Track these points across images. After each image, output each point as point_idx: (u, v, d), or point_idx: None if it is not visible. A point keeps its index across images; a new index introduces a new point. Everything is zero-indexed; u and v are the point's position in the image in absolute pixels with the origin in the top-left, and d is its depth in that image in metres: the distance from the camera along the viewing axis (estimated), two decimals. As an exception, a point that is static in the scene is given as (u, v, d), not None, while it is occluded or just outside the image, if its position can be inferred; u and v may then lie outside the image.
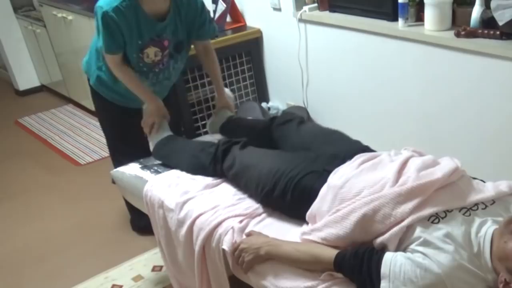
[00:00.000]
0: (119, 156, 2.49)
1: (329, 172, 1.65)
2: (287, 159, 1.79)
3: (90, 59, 2.38)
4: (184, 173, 2.07)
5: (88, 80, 2.43)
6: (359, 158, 1.68)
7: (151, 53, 2.18)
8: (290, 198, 1.68)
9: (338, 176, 1.61)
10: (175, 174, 2.08)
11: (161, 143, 2.24)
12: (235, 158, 1.91)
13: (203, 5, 2.26)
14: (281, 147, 2.05)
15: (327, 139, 1.94)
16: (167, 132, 2.28)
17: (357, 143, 1.89)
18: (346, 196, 1.52)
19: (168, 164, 2.17)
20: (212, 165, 1.99)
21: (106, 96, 2.39)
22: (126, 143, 2.47)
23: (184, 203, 1.86)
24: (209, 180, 1.99)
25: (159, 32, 2.15)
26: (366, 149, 1.83)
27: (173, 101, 2.59)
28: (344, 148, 1.81)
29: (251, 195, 1.84)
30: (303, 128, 2.08)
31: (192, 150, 2.10)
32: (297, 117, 2.15)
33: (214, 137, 2.34)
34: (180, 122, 2.72)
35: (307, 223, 1.64)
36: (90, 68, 2.38)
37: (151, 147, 2.27)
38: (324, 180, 1.63)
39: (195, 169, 2.05)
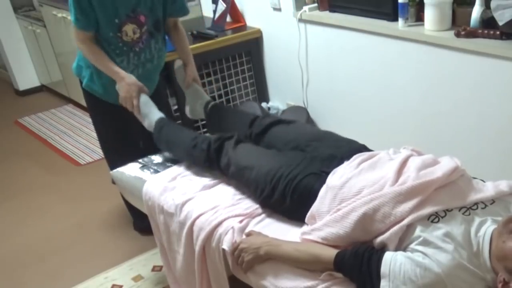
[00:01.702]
0: (114, 156, 2.48)
1: (327, 173, 1.65)
2: (284, 161, 1.77)
3: (79, 61, 2.36)
4: (182, 173, 2.08)
5: (81, 83, 2.40)
6: (357, 157, 1.67)
7: (129, 30, 2.17)
8: (289, 201, 1.67)
9: (338, 176, 1.61)
10: (173, 174, 2.08)
11: (156, 131, 2.19)
12: (230, 158, 1.90)
13: None
14: (273, 148, 1.98)
15: (323, 141, 1.89)
16: (156, 113, 2.21)
17: (353, 142, 1.87)
18: (346, 196, 1.52)
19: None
20: (208, 164, 1.99)
21: (99, 95, 2.36)
22: (121, 142, 2.46)
23: (184, 204, 1.86)
24: (207, 180, 1.99)
25: (134, 6, 2.14)
26: (363, 148, 1.82)
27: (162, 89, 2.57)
28: (341, 149, 1.79)
29: (251, 196, 1.84)
30: (285, 130, 2.02)
31: (185, 146, 2.08)
32: (274, 119, 2.09)
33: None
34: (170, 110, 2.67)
35: (307, 225, 1.63)
36: (81, 69, 2.36)
37: (145, 126, 2.23)
38: (323, 182, 1.62)
39: (193, 164, 2.07)
